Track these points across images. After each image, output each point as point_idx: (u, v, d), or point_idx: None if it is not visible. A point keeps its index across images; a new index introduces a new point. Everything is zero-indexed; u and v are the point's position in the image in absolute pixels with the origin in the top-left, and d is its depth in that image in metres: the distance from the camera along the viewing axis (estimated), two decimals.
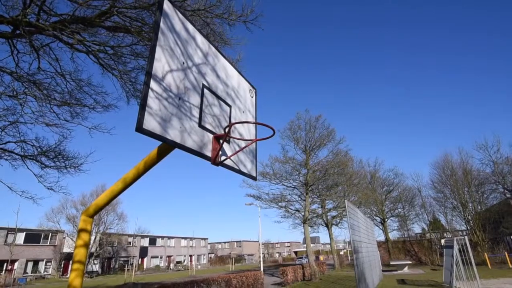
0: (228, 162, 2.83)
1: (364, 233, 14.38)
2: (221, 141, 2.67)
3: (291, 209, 23.84)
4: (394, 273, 21.92)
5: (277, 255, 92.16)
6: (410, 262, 28.09)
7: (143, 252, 55.95)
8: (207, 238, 73.36)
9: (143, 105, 2.04)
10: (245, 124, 3.28)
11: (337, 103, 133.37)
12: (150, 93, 2.11)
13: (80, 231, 2.73)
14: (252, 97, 3.64)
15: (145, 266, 54.35)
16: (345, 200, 11.02)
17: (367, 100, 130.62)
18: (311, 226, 31.57)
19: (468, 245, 12.64)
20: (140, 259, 54.74)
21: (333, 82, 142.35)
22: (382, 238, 38.30)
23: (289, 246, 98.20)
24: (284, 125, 27.27)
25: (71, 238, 42.79)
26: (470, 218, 33.15)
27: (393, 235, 40.45)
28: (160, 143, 2.41)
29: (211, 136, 2.66)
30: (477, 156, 42.18)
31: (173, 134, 2.26)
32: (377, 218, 38.13)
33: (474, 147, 47.39)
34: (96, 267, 44.39)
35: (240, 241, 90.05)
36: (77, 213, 41.20)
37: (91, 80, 8.11)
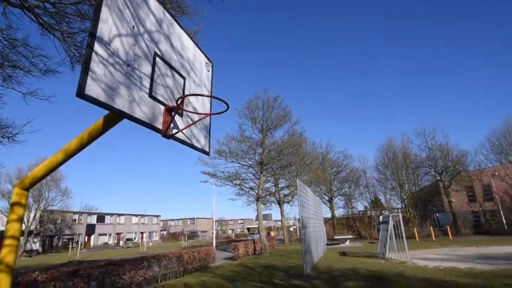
0: (180, 135, 2.77)
1: (313, 210, 15.29)
2: (173, 113, 2.59)
3: (246, 187, 24.31)
4: (337, 246, 23.85)
5: (230, 231, 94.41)
6: (352, 237, 30.72)
7: (90, 229, 53.51)
8: (159, 215, 72.28)
9: (85, 69, 1.88)
10: (199, 98, 3.21)
11: (294, 86, 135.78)
12: (94, 57, 1.95)
13: (13, 204, 2.51)
14: (209, 70, 3.55)
15: (92, 244, 52.19)
16: (297, 179, 11.54)
17: (324, 85, 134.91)
18: (264, 204, 32.63)
19: (401, 221, 14.13)
20: (86, 237, 52.35)
21: (292, 65, 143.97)
22: (329, 215, 41.10)
23: (242, 223, 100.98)
24: (242, 104, 27.19)
25: (5, 215, 39.20)
26: (405, 197, 36.89)
27: (339, 212, 43.59)
28: (106, 112, 2.27)
29: (162, 107, 2.56)
30: (416, 142, 46.33)
31: (121, 103, 2.13)
32: (326, 196, 40.65)
33: (414, 134, 51.88)
34: (36, 246, 41.56)
35: (194, 218, 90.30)
36: (12, 189, 37.58)
37: (28, 41, 7.20)
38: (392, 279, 8.27)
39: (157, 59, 2.59)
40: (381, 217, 18.87)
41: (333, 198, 41.00)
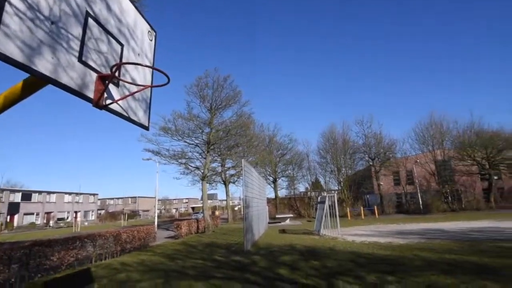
0: (115, 107, 2.59)
1: (257, 191, 15.76)
2: (107, 82, 2.39)
3: (191, 166, 23.94)
4: (278, 225, 25.12)
5: (174, 211, 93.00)
6: (292, 216, 32.57)
7: (14, 208, 48.16)
8: (97, 194, 67.93)
9: None
10: (139, 69, 3.01)
11: (245, 68, 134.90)
12: (8, 8, 1.68)
13: None
14: (151, 40, 3.32)
15: (16, 224, 47.17)
16: (243, 160, 11.71)
17: (277, 69, 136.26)
18: (209, 183, 32.66)
19: (336, 201, 15.35)
20: (9, 217, 47.09)
21: (245, 48, 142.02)
22: (272, 195, 42.86)
23: (187, 202, 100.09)
24: (192, 81, 26.25)
25: None
26: (341, 180, 40.05)
27: (282, 192, 45.65)
28: (26, 75, 2.02)
29: (95, 75, 2.35)
30: (355, 130, 50.35)
31: (43, 66, 1.90)
32: (270, 177, 42.10)
33: (354, 122, 55.97)
34: None
35: (136, 197, 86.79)
36: None
37: None
38: (323, 253, 9.03)
39: (90, 20, 2.34)
40: (319, 198, 20.25)
41: (277, 179, 42.68)
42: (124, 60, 2.72)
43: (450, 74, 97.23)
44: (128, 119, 2.81)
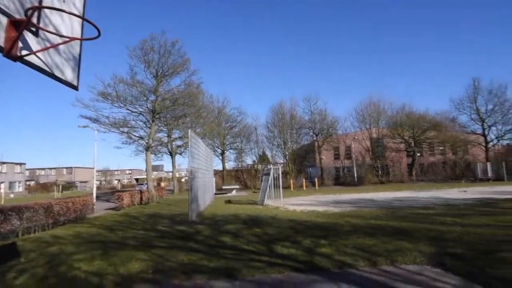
0: (34, 60, 2.25)
1: (204, 162, 15.65)
2: (20, 28, 2.04)
3: (135, 135, 22.66)
4: (224, 196, 25.55)
5: (116, 182, 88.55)
6: (238, 187, 33.33)
7: None
8: (24, 163, 61.16)
9: None
10: (66, 18, 2.63)
11: (195, 34, 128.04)
12: None
13: None
14: None
15: None
16: (189, 130, 11.41)
17: (229, 39, 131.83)
18: (154, 154, 31.50)
19: (280, 173, 16.03)
20: None
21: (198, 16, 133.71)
22: (220, 167, 43.11)
23: (131, 173, 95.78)
24: (135, 43, 24.17)
25: None
26: (287, 154, 41.78)
27: (230, 165, 46.18)
28: None
29: (5, 19, 1.99)
30: (302, 106, 52.23)
31: None
32: (218, 149, 42.09)
33: (301, 98, 57.75)
34: None
35: (71, 167, 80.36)
36: None
37: None
38: (266, 221, 9.49)
39: None
40: (264, 169, 20.93)
41: (225, 151, 42.85)
42: (45, 4, 2.34)
43: (392, 54, 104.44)
44: (53, 76, 2.48)
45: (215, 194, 25.75)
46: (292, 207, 14.04)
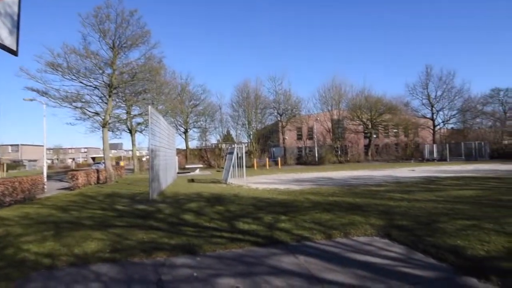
0: None
1: (165, 140, 15.20)
2: None
3: (90, 111, 21.11)
4: (188, 175, 25.27)
5: (70, 161, 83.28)
6: (202, 166, 33.11)
7: None
8: None
9: None
10: None
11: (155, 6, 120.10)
12: None
13: None
14: None
15: None
16: (149, 107, 10.93)
17: (191, 14, 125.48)
18: (112, 131, 29.97)
19: (244, 152, 16.13)
20: None
21: None
22: (183, 146, 42.25)
23: (86, 152, 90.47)
24: (89, 11, 22.07)
25: None
26: (251, 133, 41.99)
27: (193, 144, 45.46)
28: None
29: None
30: (267, 86, 52.22)
31: None
32: (181, 128, 41.08)
33: (267, 78, 57.65)
34: None
35: (18, 145, 73.79)
36: None
37: None
38: (228, 199, 9.59)
39: None
40: (228, 148, 20.91)
41: (189, 130, 41.95)
42: None
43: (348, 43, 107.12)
44: None
45: (178, 173, 25.35)
46: (255, 185, 14.31)
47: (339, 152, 42.50)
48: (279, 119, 43.62)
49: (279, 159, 36.47)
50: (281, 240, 4.82)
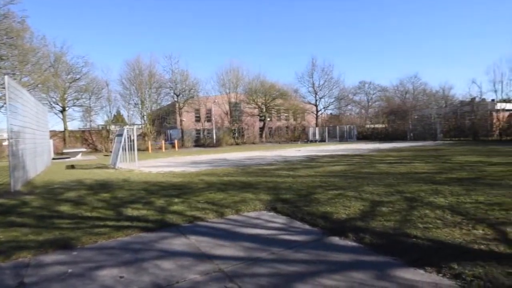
0: None
1: (34, 120, 12.63)
2: None
3: None
4: (66, 160, 21.82)
5: None
6: (85, 150, 29.14)
7: None
8: None
9: None
10: None
11: None
12: None
13: None
14: None
15: None
16: (6, 77, 8.76)
17: None
18: None
19: (135, 134, 14.89)
20: None
21: None
22: (60, 127, 36.03)
23: None
24: None
25: None
26: (145, 114, 39.04)
27: (74, 124, 39.45)
28: None
29: None
30: (162, 63, 49.04)
31: None
32: (57, 106, 34.88)
33: (162, 55, 54.10)
34: None
35: None
36: None
37: None
38: (116, 185, 8.76)
39: None
40: (116, 130, 18.96)
41: (67, 108, 35.94)
42: None
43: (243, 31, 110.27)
44: None
45: (53, 159, 21.65)
46: (148, 169, 13.49)
47: (236, 134, 44.05)
48: (176, 99, 41.82)
49: (176, 141, 35.29)
50: (172, 223, 4.71)
